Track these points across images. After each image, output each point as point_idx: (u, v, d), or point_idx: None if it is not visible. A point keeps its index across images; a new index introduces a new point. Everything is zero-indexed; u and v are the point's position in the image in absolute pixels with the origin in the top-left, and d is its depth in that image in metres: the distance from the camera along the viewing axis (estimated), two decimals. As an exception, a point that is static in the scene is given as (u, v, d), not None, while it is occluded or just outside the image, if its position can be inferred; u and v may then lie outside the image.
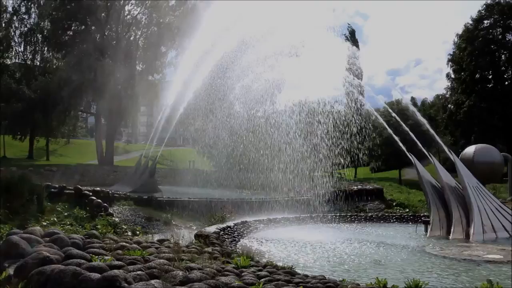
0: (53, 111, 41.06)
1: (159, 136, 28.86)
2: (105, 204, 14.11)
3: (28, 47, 48.65)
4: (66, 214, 12.61)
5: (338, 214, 17.16)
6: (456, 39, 53.22)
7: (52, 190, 14.31)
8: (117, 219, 13.35)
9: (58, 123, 44.47)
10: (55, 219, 11.93)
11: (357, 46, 48.83)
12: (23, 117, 40.97)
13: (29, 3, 45.94)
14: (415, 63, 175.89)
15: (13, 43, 47.51)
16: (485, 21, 51.19)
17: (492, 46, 50.47)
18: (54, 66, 47.60)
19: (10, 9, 46.03)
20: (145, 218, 14.61)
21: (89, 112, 52.50)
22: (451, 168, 16.25)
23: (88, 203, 13.91)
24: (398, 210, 21.73)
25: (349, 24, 53.49)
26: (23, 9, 46.31)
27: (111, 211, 14.09)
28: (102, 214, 13.07)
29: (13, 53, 48.28)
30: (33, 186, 12.74)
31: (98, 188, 16.46)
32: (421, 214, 17.44)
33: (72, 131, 55.08)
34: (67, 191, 14.69)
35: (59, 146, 52.37)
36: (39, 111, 40.55)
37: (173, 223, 14.51)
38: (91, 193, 14.64)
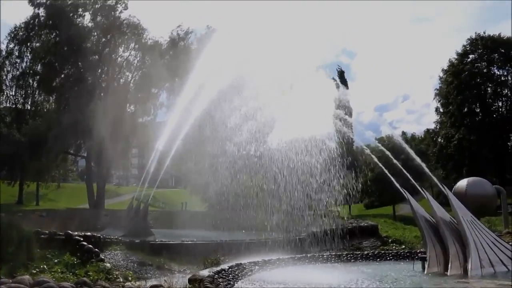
0: (43, 155, 40.80)
1: (151, 178, 28.66)
2: (96, 249, 13.83)
3: (19, 90, 48.89)
4: (56, 260, 12.35)
5: (333, 253, 16.93)
6: (442, 74, 54.35)
7: (42, 236, 14.04)
8: (108, 264, 13.06)
9: (48, 166, 44.11)
10: (45, 266, 11.66)
11: (346, 86, 49.65)
12: (13, 162, 40.66)
13: (23, 47, 46.39)
14: (403, 98, 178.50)
15: (4, 87, 47.74)
16: (470, 55, 52.41)
17: (478, 79, 51.49)
18: (45, 110, 47.72)
19: (3, 53, 46.49)
20: (138, 263, 14.31)
21: (79, 155, 52.25)
22: (445, 202, 16.19)
23: (78, 248, 13.63)
24: (394, 247, 21.52)
25: (338, 66, 54.72)
26: (16, 53, 46.78)
27: (103, 256, 13.80)
28: (93, 260, 12.80)
29: (4, 97, 48.48)
30: (22, 232, 12.51)
31: (89, 233, 16.15)
32: (418, 251, 17.25)
33: (63, 175, 54.68)
34: (57, 237, 14.40)
35: (50, 191, 51.75)
36: (29, 155, 40.27)
37: (166, 267, 14.23)
38: (81, 238, 14.36)
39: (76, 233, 15.19)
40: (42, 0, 42.74)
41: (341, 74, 50.73)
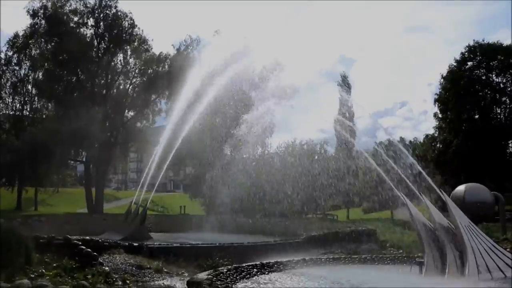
0: (41, 161, 40.66)
1: (149, 182, 28.71)
2: (94, 253, 13.85)
3: (18, 97, 48.89)
4: (55, 265, 12.35)
5: (331, 257, 16.95)
6: (441, 80, 54.39)
7: (41, 240, 14.07)
8: (107, 268, 13.09)
9: (47, 172, 44.02)
10: (44, 270, 11.67)
11: (350, 90, 50.55)
12: (12, 168, 40.59)
13: (21, 55, 46.41)
14: (400, 105, 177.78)
15: (3, 94, 47.78)
16: (469, 63, 52.47)
17: (477, 86, 51.53)
18: (44, 116, 47.75)
19: (2, 61, 46.56)
20: (136, 266, 14.30)
21: (78, 160, 52.25)
22: (443, 208, 16.22)
23: (77, 253, 13.65)
24: (392, 251, 21.52)
25: (343, 72, 56.03)
26: (15, 60, 46.82)
27: (101, 260, 13.83)
28: (93, 264, 12.83)
29: (3, 104, 48.50)
30: (21, 237, 12.51)
31: (87, 237, 16.19)
32: (415, 255, 17.29)
33: (62, 180, 54.65)
34: (56, 242, 14.44)
35: (48, 196, 51.64)
36: (28, 161, 40.12)
37: (165, 270, 14.23)
38: (80, 243, 14.39)
39: (74, 237, 15.22)
40: (41, 10, 42.73)
41: (344, 79, 51.52)
